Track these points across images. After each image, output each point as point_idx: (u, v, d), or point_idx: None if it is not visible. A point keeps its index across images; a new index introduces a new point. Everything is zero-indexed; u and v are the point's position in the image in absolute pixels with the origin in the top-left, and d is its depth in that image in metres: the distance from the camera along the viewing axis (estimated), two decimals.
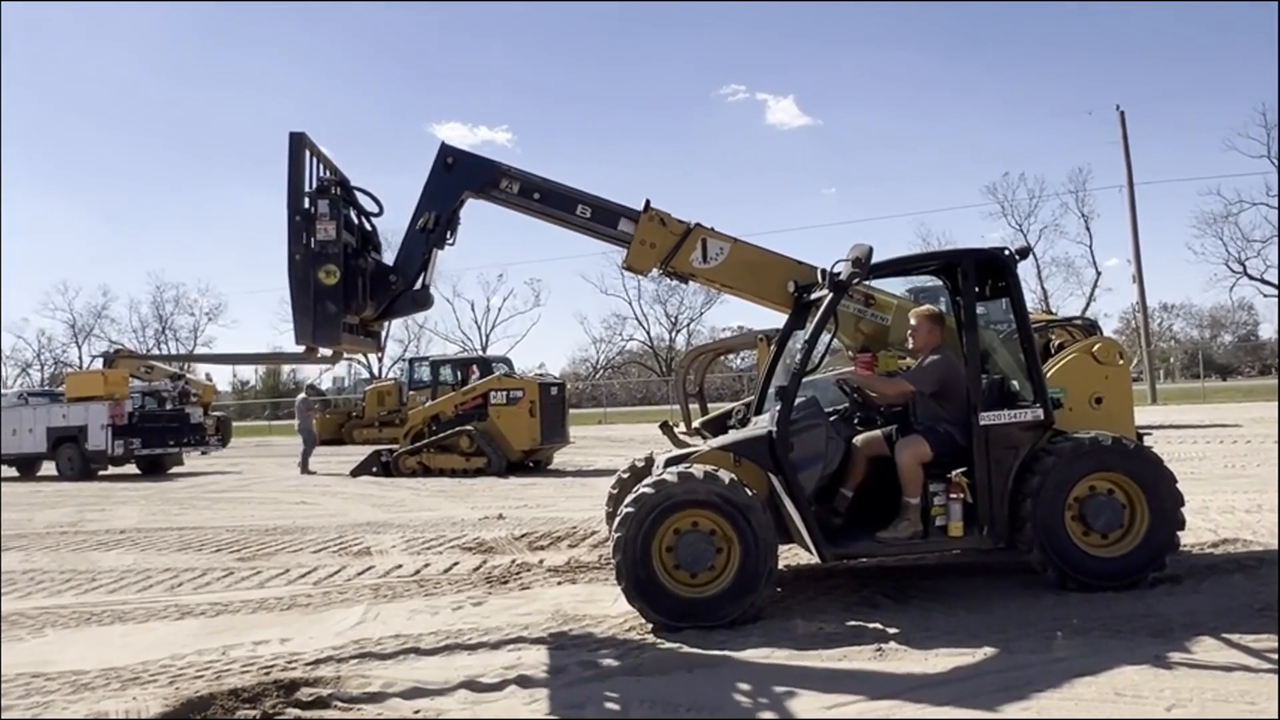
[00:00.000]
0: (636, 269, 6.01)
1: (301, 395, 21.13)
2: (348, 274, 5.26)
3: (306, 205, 5.24)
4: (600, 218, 5.89)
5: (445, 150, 5.76)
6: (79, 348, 64.23)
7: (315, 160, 5.42)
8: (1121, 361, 5.75)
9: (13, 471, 20.20)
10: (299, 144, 5.27)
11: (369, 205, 5.75)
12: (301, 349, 5.36)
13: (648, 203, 5.90)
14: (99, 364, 25.99)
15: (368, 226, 5.76)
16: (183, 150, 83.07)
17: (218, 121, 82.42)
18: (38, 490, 16.71)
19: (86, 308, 66.63)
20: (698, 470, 5.09)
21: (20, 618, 5.93)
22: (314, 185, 5.34)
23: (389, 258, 5.82)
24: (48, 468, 19.83)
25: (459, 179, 5.76)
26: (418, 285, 5.73)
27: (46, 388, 33.30)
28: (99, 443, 18.78)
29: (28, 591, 6.87)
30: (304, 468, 18.24)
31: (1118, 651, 4.22)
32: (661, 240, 5.89)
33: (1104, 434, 5.30)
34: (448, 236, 5.78)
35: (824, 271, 5.56)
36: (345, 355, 5.89)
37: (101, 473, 19.18)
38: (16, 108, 79.74)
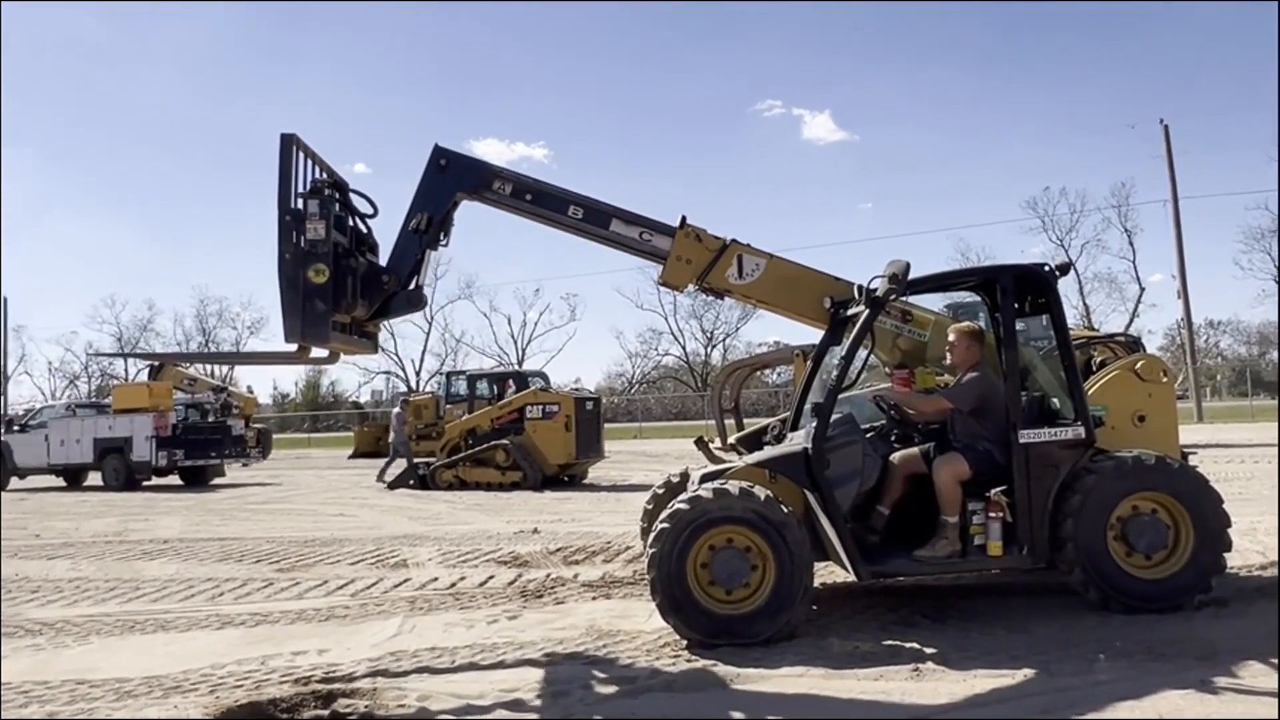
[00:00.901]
0: (672, 285, 6.03)
1: (396, 409, 21.25)
2: (338, 273, 5.27)
3: (297, 205, 5.25)
4: (591, 219, 5.89)
5: (438, 152, 5.80)
6: (125, 360, 65.48)
7: (309, 161, 5.44)
8: (1165, 379, 5.66)
9: (60, 481, 20.67)
10: (289, 144, 5.26)
11: (364, 207, 5.78)
12: (294, 348, 5.40)
13: (683, 219, 5.92)
14: (144, 376, 26.51)
15: (362, 228, 5.78)
16: (229, 167, 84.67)
17: (262, 139, 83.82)
18: (84, 500, 17.06)
19: (133, 321, 68.04)
20: (733, 486, 5.08)
21: (67, 625, 6.06)
22: (307, 186, 5.36)
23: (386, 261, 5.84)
24: (94, 478, 20.22)
25: (452, 180, 5.79)
26: (411, 286, 5.76)
27: (93, 399, 33.96)
28: (143, 454, 19.11)
29: (74, 599, 7.01)
30: (387, 478, 17.30)
31: (1162, 675, 4.14)
32: (697, 256, 5.90)
33: (1147, 453, 5.21)
34: (441, 238, 5.81)
35: (861, 287, 5.54)
36: (343, 356, 5.91)
37: (145, 483, 19.53)
38: (68, 127, 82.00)
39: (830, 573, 6.24)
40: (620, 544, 8.57)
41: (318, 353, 5.55)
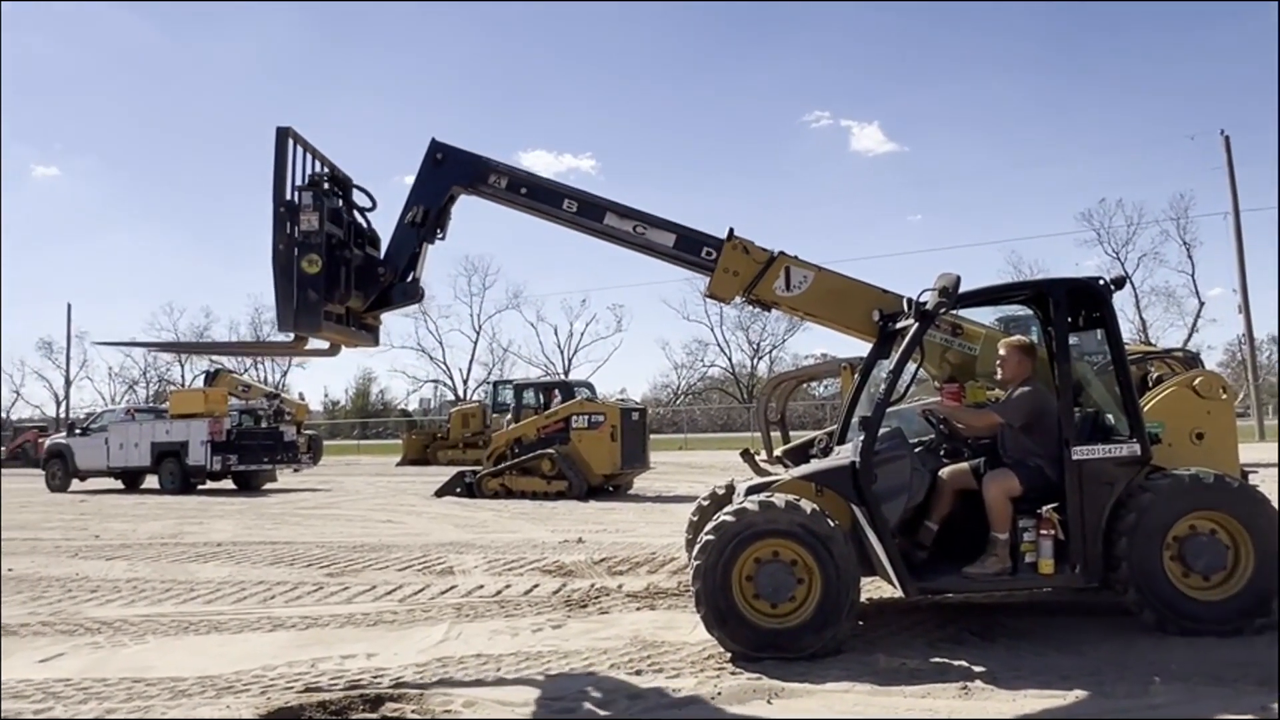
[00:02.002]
0: (719, 297, 6.03)
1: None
2: (332, 264, 5.35)
3: (291, 197, 5.34)
4: (586, 212, 5.94)
5: (435, 146, 5.85)
6: (182, 366, 67.02)
7: (307, 155, 5.52)
8: (1224, 395, 5.53)
9: (119, 484, 21.20)
10: (284, 138, 5.36)
11: (363, 201, 5.87)
12: (290, 338, 5.48)
13: (731, 231, 5.92)
14: (200, 382, 27.12)
15: (362, 222, 5.86)
16: None
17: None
18: (141, 502, 17.48)
19: (190, 328, 69.47)
20: (779, 499, 5.06)
21: (124, 624, 6.22)
22: (305, 179, 5.45)
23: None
24: (151, 481, 20.73)
25: (448, 174, 5.85)
26: (409, 279, 5.82)
27: (151, 404, 34.83)
28: (199, 458, 19.54)
29: (131, 600, 7.19)
30: None
31: (1220, 700, 4.03)
32: (745, 268, 5.89)
33: (1205, 471, 5.10)
34: (438, 232, 5.87)
35: (910, 300, 5.50)
36: (345, 348, 5.96)
37: (200, 487, 19.96)
38: (130, 136, 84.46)
39: (877, 588, 6.17)
40: (665, 555, 8.57)
41: (316, 344, 5.65)
